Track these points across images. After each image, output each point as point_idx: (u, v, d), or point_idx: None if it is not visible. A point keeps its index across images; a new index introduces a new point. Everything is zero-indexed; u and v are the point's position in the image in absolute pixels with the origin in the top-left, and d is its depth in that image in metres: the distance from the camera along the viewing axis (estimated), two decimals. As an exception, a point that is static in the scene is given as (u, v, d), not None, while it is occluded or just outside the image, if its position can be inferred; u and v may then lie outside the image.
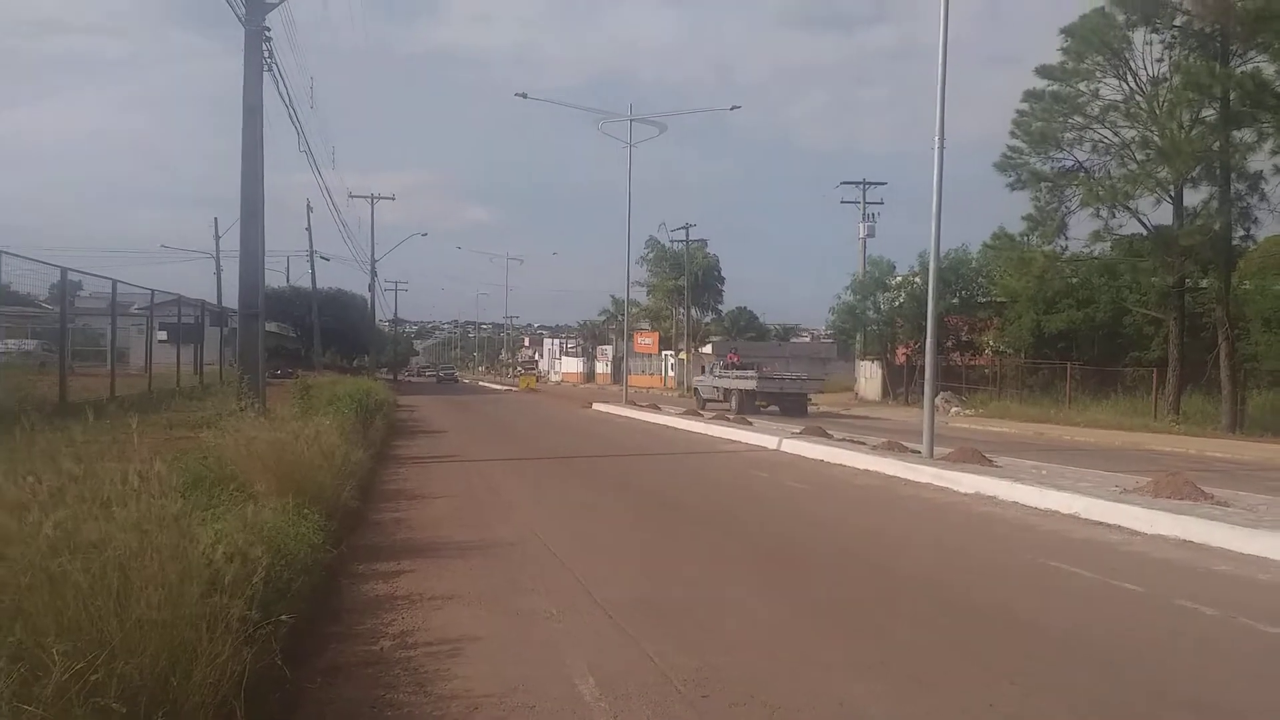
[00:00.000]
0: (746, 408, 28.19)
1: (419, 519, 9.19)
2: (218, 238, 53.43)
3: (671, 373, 65.93)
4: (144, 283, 23.87)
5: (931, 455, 13.71)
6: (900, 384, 41.63)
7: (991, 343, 40.44)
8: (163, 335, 23.72)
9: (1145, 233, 27.11)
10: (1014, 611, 6.00)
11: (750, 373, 30.00)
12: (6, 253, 12.20)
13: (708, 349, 66.18)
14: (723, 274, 71.21)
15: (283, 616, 3.98)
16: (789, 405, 28.88)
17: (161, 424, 13.21)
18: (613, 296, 78.54)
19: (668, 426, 24.11)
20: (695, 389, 32.99)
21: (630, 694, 4.30)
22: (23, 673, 2.62)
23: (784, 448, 17.03)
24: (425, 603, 5.91)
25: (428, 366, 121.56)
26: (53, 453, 3.88)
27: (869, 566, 7.45)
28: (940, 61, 13.66)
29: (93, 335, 23.69)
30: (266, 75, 15.11)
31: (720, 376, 31.79)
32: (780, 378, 29.97)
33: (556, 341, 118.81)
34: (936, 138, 13.73)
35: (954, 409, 33.14)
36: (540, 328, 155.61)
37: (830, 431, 18.85)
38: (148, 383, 20.16)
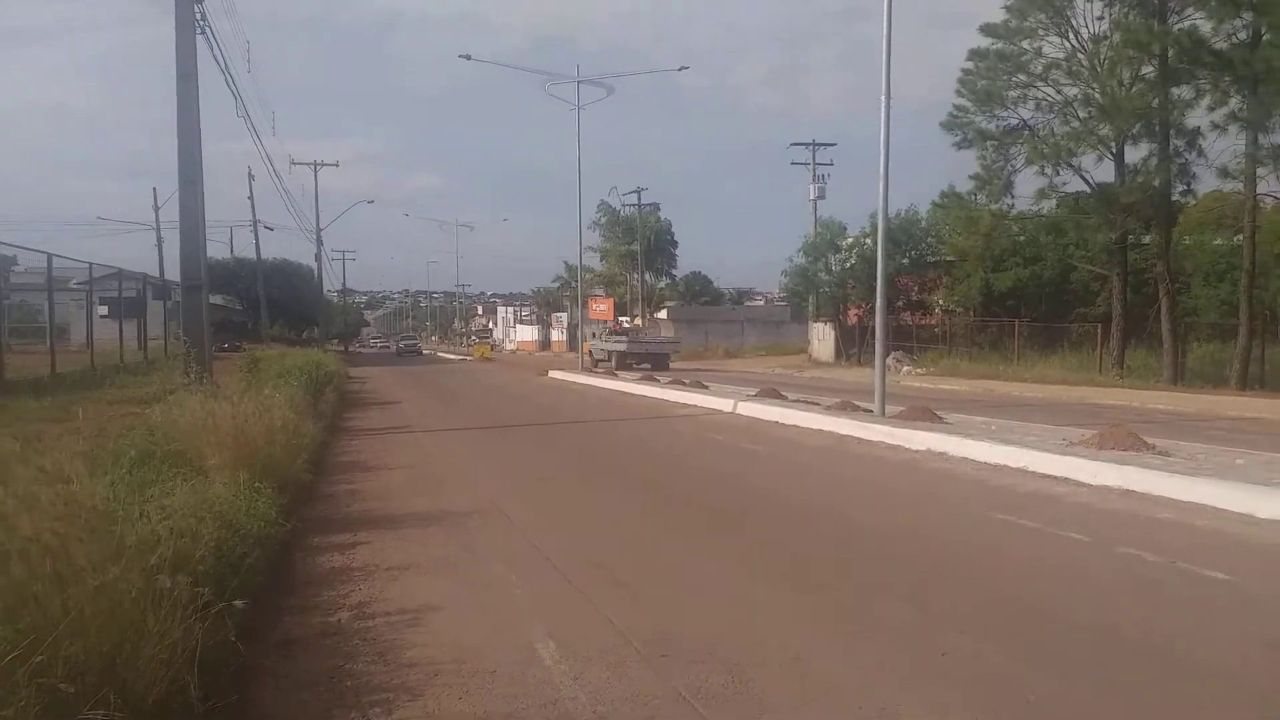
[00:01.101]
0: (622, 365, 35.46)
1: (374, 490, 9.12)
2: (157, 208, 52.05)
3: (627, 338, 65.83)
4: (83, 256, 23.16)
5: (883, 414, 13.90)
6: (853, 345, 42.10)
7: (941, 301, 41.04)
8: (104, 310, 23.09)
9: (1089, 190, 27.62)
10: (964, 565, 6.13)
11: (624, 338, 38.10)
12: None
13: (663, 314, 66.30)
14: (676, 238, 71.14)
15: (236, 602, 3.90)
16: (656, 362, 36.22)
17: (106, 400, 12.92)
18: (566, 263, 77.94)
19: (624, 392, 24.14)
20: (590, 350, 39.24)
21: (590, 656, 4.33)
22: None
23: (740, 410, 17.16)
24: (382, 573, 5.88)
25: (378, 337, 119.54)
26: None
27: (822, 525, 7.55)
28: (886, 14, 13.63)
29: (30, 311, 23.03)
30: (200, 39, 14.62)
31: (606, 341, 38.97)
32: (646, 342, 38.99)
33: (511, 309, 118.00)
34: (883, 96, 13.76)
35: (905, 368, 33.65)
36: (493, 296, 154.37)
37: (785, 393, 19.02)
38: (90, 359, 19.70)
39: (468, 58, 33.28)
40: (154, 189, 53.89)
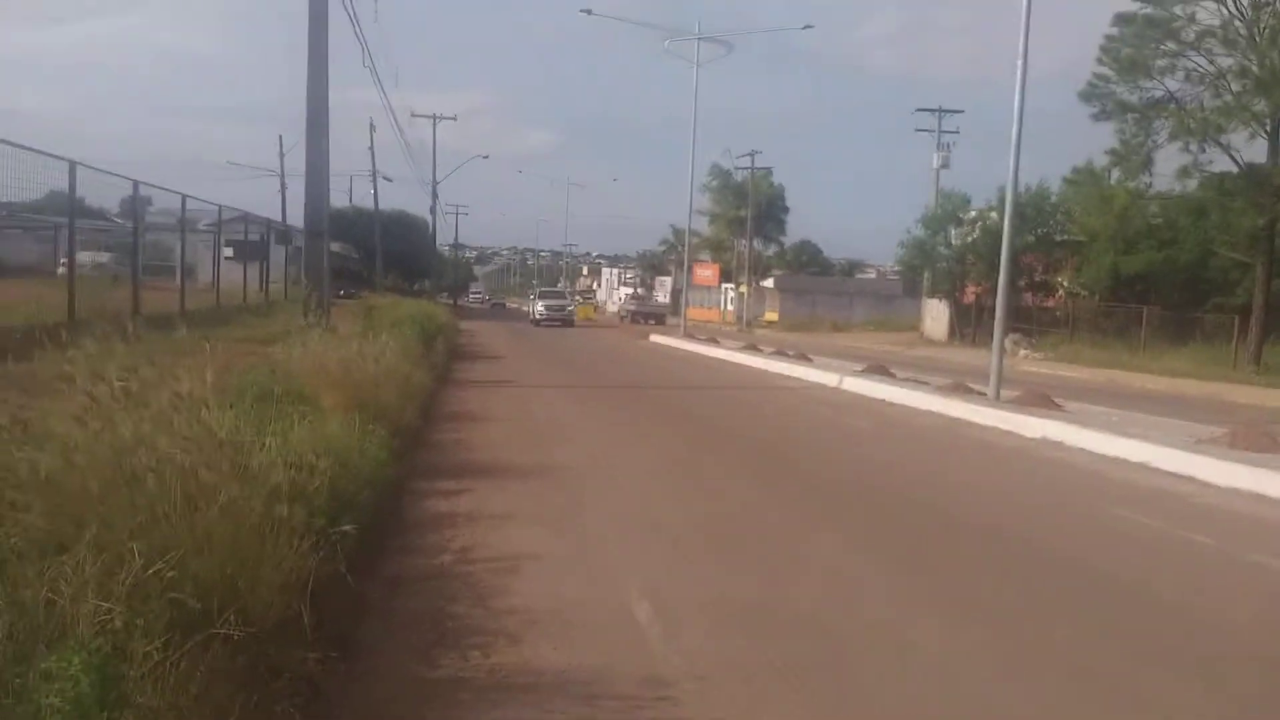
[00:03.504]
0: (544, 322, 45.03)
1: (479, 440, 9.32)
2: (282, 155, 53.50)
3: (730, 306, 65.13)
4: (211, 199, 24.23)
5: (998, 398, 13.41)
6: (968, 324, 40.66)
7: (1066, 283, 39.14)
8: (229, 252, 24.15)
9: (1237, 170, 25.84)
10: (1076, 557, 5.88)
11: (544, 303, 48.16)
12: (81, 164, 12.31)
13: (769, 283, 65.44)
14: (787, 205, 69.70)
15: (346, 527, 4.05)
16: (564, 321, 45.98)
17: (232, 338, 13.55)
18: (673, 226, 77.14)
19: (726, 361, 24.00)
20: (529, 311, 49.55)
21: (684, 617, 4.33)
22: (106, 562, 2.70)
23: (845, 386, 16.84)
24: (485, 521, 6.01)
25: (479, 292, 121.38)
26: (132, 362, 3.95)
27: (928, 506, 7.36)
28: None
29: (162, 250, 24.18)
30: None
31: (537, 303, 49.73)
32: (558, 306, 48.05)
33: (615, 271, 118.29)
34: (1019, 59, 13.06)
35: (1023, 351, 32.37)
36: (599, 256, 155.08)
37: (893, 371, 18.58)
38: (215, 298, 20.64)
39: (589, 12, 33.10)
40: (280, 136, 55.46)
